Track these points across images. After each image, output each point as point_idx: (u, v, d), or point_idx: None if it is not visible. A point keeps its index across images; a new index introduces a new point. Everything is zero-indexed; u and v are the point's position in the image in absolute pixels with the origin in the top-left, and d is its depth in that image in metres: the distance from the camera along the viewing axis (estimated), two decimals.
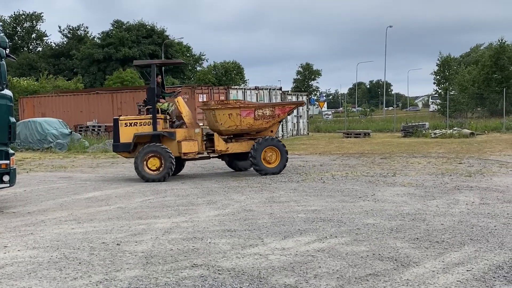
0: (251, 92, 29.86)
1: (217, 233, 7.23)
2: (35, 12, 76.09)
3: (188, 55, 71.08)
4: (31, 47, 77.80)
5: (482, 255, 5.90)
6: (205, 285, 5.12)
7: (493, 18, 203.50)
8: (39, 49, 77.03)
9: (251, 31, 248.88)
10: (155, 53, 64.79)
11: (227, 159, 14.65)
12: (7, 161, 9.42)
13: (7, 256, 6.31)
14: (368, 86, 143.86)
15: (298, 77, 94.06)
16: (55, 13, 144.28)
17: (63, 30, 74.38)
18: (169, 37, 68.80)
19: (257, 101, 28.25)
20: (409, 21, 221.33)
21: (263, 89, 31.04)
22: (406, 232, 7.03)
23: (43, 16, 76.86)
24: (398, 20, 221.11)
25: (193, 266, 5.71)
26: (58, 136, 24.09)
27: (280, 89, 33.06)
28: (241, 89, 30.73)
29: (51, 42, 77.28)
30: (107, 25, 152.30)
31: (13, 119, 9.57)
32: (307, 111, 37.57)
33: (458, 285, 4.97)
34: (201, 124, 15.10)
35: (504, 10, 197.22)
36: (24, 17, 75.42)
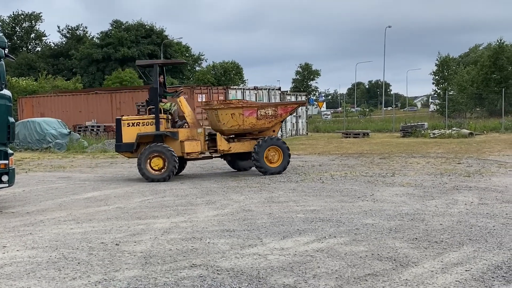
0: (250, 92, 29.86)
1: (216, 233, 7.23)
2: (34, 12, 76.07)
3: (187, 55, 71.06)
4: (30, 47, 77.78)
5: (481, 255, 5.91)
6: (204, 285, 5.12)
7: (492, 18, 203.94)
8: (38, 49, 77.03)
9: (250, 31, 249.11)
10: (154, 53, 64.78)
11: (229, 159, 14.65)
12: (6, 161, 9.42)
13: (6, 256, 6.31)
14: (367, 86, 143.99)
15: (297, 77, 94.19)
16: (54, 13, 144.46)
17: (62, 30, 74.49)
18: (168, 37, 68.84)
19: (256, 101, 28.23)
20: (408, 21, 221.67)
21: (262, 89, 31.05)
22: (405, 232, 7.04)
23: (42, 16, 76.97)
24: (397, 20, 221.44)
25: (192, 266, 5.71)
26: (57, 136, 24.07)
27: (279, 89, 33.07)
28: (240, 89, 30.73)
29: (50, 42, 77.38)
30: (106, 25, 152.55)
31: (12, 119, 9.57)
32: (306, 111, 37.57)
33: (457, 285, 4.97)
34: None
35: (503, 10, 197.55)
36: (23, 17, 75.43)
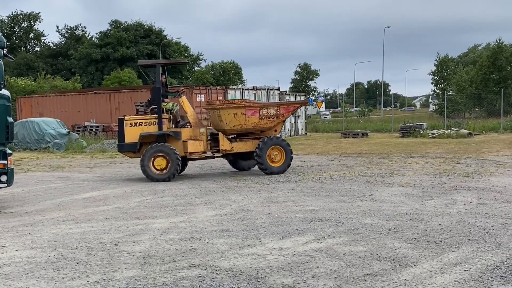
0: (249, 92, 29.85)
1: (215, 233, 7.23)
2: (33, 12, 76.10)
3: (186, 55, 71.03)
4: (28, 47, 77.73)
5: (479, 255, 5.91)
6: (203, 285, 5.12)
7: (491, 18, 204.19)
8: (37, 49, 76.99)
9: (249, 31, 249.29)
10: (153, 53, 64.77)
11: (231, 159, 14.67)
12: (5, 161, 9.41)
13: (4, 256, 6.30)
14: (366, 86, 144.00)
15: (296, 77, 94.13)
16: (53, 13, 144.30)
17: (61, 30, 74.43)
18: (167, 37, 68.83)
19: (255, 101, 28.23)
20: (407, 21, 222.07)
21: (261, 89, 31.04)
22: (404, 232, 7.04)
23: (41, 16, 76.99)
24: (396, 20, 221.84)
25: (191, 266, 5.71)
26: (56, 136, 24.06)
27: (278, 89, 33.06)
28: (239, 89, 30.72)
29: (49, 42, 77.31)
30: (105, 25, 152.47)
31: (10, 119, 9.56)
32: (305, 111, 37.57)
33: (455, 285, 4.98)
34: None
35: (502, 10, 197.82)
36: (22, 17, 75.37)
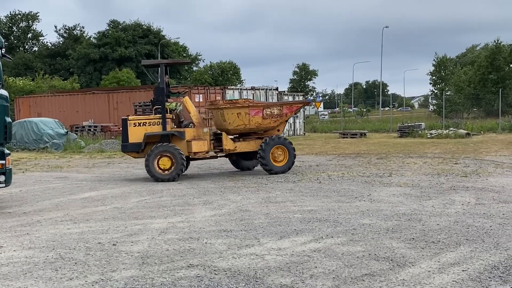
0: (247, 92, 29.86)
1: (213, 233, 7.23)
2: (31, 11, 75.99)
3: (185, 55, 71.04)
4: (27, 46, 77.67)
5: (477, 255, 5.92)
6: (201, 285, 5.12)
7: (490, 19, 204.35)
8: (35, 49, 76.93)
9: (247, 31, 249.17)
10: (151, 53, 64.77)
11: (234, 159, 14.70)
12: (3, 161, 9.40)
13: (2, 257, 6.29)
14: (364, 87, 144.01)
15: (294, 77, 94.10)
16: (51, 13, 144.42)
17: (59, 30, 74.39)
18: (165, 37, 68.82)
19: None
20: (406, 21, 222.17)
21: (259, 89, 31.06)
22: (402, 232, 7.05)
23: (39, 16, 76.84)
24: (395, 20, 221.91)
25: (189, 266, 5.71)
26: (54, 136, 24.04)
27: (277, 89, 33.09)
28: (238, 89, 30.75)
29: (47, 42, 77.27)
30: (103, 25, 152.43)
31: (8, 119, 9.54)
32: (304, 111, 37.58)
33: (453, 285, 4.98)
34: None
35: (500, 10, 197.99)
36: (20, 16, 75.30)
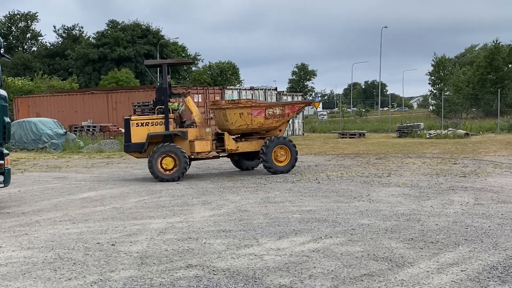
0: (246, 92, 29.85)
1: (212, 233, 7.23)
2: (30, 11, 75.92)
3: (184, 55, 71.01)
4: (26, 46, 77.60)
5: (476, 255, 5.92)
6: (200, 285, 5.12)
7: (488, 19, 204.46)
8: (34, 49, 76.87)
9: (246, 31, 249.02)
10: (150, 53, 64.75)
11: (236, 159, 14.74)
12: (2, 161, 9.39)
13: (1, 257, 6.29)
14: (363, 87, 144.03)
15: (293, 78, 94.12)
16: (50, 13, 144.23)
17: (58, 30, 74.40)
18: (164, 37, 68.81)
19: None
20: (404, 22, 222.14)
21: (258, 89, 31.05)
22: (401, 232, 7.05)
23: (38, 16, 76.80)
24: (393, 20, 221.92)
25: (188, 267, 5.71)
26: (53, 136, 24.01)
27: (276, 89, 33.09)
28: (236, 89, 30.73)
29: (46, 42, 77.20)
30: (102, 25, 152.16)
31: (7, 119, 9.53)
32: (302, 111, 37.55)
33: (452, 285, 4.98)
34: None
35: (499, 11, 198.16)
36: (19, 16, 75.24)
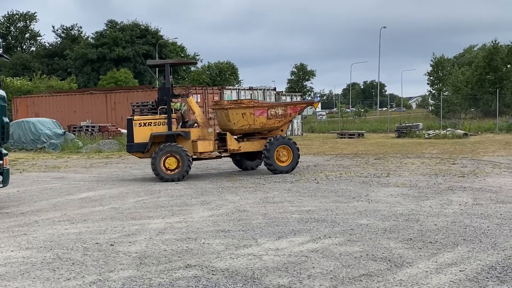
0: (245, 92, 29.85)
1: (211, 233, 7.23)
2: (29, 11, 75.95)
3: (182, 55, 71.03)
4: (24, 47, 77.57)
5: (475, 255, 5.93)
6: (198, 285, 5.12)
7: (487, 19, 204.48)
8: (33, 49, 76.86)
9: (245, 31, 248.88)
10: (149, 53, 64.74)
11: (237, 159, 14.75)
12: (0, 162, 9.38)
13: (0, 257, 6.28)
14: (362, 87, 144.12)
15: (292, 78, 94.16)
16: (48, 13, 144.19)
17: (57, 30, 74.38)
18: (163, 37, 68.80)
19: None
20: (403, 22, 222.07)
21: (257, 89, 31.05)
22: (400, 232, 7.05)
23: (36, 16, 76.81)
24: (393, 21, 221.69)
25: (187, 267, 5.71)
26: (52, 136, 23.99)
27: (275, 89, 33.08)
28: (235, 89, 30.72)
29: (44, 42, 77.20)
30: (101, 25, 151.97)
31: (6, 119, 9.53)
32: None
33: (451, 285, 4.99)
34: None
35: (498, 11, 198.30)
36: (17, 16, 75.22)
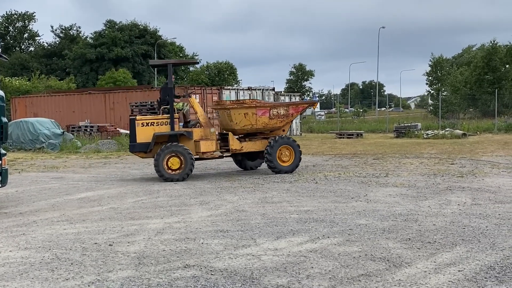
0: (244, 92, 29.84)
1: (210, 233, 7.23)
2: (27, 11, 75.91)
3: (181, 55, 71.02)
4: (23, 46, 77.53)
5: (473, 255, 5.93)
6: (197, 285, 5.12)
7: (486, 19, 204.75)
8: (31, 49, 76.82)
9: (244, 31, 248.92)
10: (147, 53, 64.73)
11: (239, 159, 14.78)
12: None
13: None
14: (360, 87, 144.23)
15: (291, 78, 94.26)
16: (47, 13, 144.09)
17: (56, 30, 74.39)
18: (162, 37, 68.79)
19: None
20: (402, 22, 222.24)
21: (256, 89, 31.04)
22: (398, 232, 7.06)
23: (35, 15, 76.78)
24: (391, 21, 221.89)
25: (185, 267, 5.71)
26: (50, 136, 23.96)
27: (273, 89, 33.08)
28: (234, 89, 30.72)
29: (43, 42, 77.21)
30: (99, 25, 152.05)
31: (5, 119, 9.51)
32: None
33: (449, 285, 4.99)
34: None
35: (496, 11, 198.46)
36: (16, 16, 75.19)
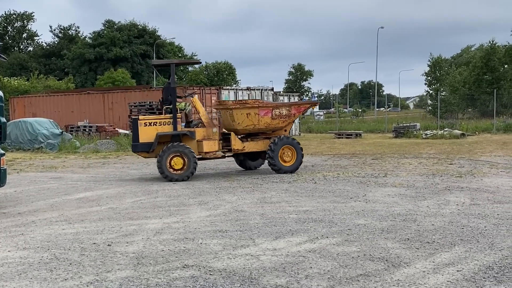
0: (243, 92, 29.83)
1: (209, 233, 7.23)
2: (26, 11, 75.89)
3: (180, 55, 70.98)
4: (22, 46, 77.49)
5: (472, 255, 5.94)
6: (196, 285, 5.12)
7: (485, 19, 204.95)
8: (30, 48, 76.79)
9: (243, 31, 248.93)
10: (146, 53, 64.71)
11: (241, 159, 14.83)
12: None
13: None
14: (359, 87, 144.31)
15: (290, 78, 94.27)
16: (46, 13, 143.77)
17: (54, 30, 74.36)
18: (161, 37, 68.78)
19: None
20: (401, 22, 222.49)
21: (255, 89, 31.03)
22: (397, 232, 7.06)
23: (34, 15, 76.75)
24: (390, 21, 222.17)
25: (184, 267, 5.70)
26: (49, 136, 23.95)
27: (272, 89, 33.07)
28: (233, 89, 30.71)
29: (42, 42, 77.15)
30: (98, 25, 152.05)
31: (3, 119, 9.51)
32: None
33: (448, 285, 4.99)
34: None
35: (495, 11, 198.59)
36: (15, 16, 75.16)
